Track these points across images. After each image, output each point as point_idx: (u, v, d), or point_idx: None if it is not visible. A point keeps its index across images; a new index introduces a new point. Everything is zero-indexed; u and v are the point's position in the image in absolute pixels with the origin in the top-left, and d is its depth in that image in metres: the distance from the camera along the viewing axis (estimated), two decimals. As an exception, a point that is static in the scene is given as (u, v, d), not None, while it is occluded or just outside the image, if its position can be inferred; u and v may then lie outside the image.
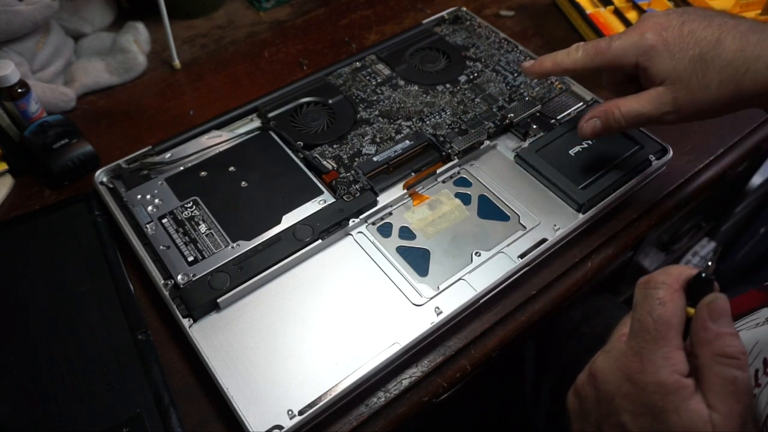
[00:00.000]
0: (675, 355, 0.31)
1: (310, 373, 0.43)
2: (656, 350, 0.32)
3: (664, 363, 0.31)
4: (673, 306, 0.33)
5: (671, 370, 0.31)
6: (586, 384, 0.36)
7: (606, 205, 0.53)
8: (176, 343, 0.47)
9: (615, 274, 0.77)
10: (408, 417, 0.45)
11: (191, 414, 0.43)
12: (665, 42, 0.44)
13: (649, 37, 0.45)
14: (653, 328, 0.32)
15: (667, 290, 0.33)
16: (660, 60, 0.45)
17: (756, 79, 0.42)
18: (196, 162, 0.56)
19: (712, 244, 0.99)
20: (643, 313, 0.33)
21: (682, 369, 0.31)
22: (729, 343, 0.31)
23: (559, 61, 0.50)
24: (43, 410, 0.41)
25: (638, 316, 0.33)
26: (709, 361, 0.31)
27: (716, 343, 0.31)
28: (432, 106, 0.61)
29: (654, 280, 0.34)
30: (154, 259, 0.49)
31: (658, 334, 0.32)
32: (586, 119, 0.50)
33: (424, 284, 0.48)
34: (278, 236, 0.50)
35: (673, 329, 0.32)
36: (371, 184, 0.54)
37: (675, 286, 0.33)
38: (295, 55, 0.72)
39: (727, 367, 0.30)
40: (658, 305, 0.33)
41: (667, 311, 0.32)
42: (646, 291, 0.34)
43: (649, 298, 0.33)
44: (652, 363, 0.31)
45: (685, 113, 0.45)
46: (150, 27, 0.70)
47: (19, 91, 0.57)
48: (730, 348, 0.31)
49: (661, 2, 0.74)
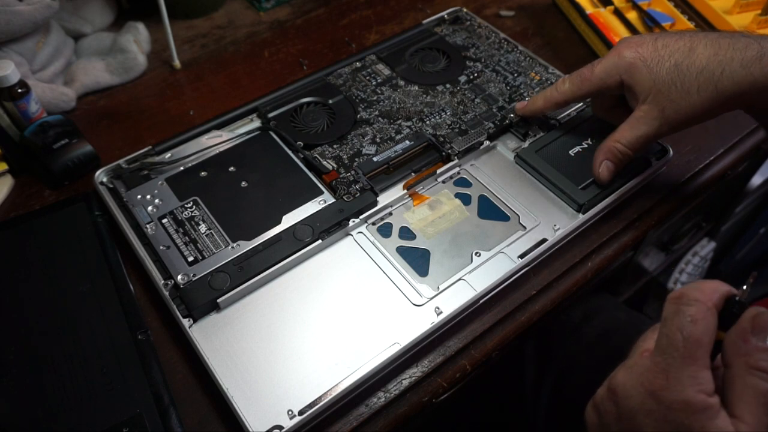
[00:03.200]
0: (702, 374, 0.31)
1: (310, 373, 0.43)
2: (684, 369, 0.31)
3: (691, 382, 0.31)
4: (705, 325, 0.32)
5: (698, 390, 0.31)
6: (605, 399, 0.35)
7: (606, 205, 0.53)
8: (176, 343, 0.47)
9: (615, 274, 0.77)
10: (408, 417, 0.45)
11: (191, 414, 0.43)
12: (642, 58, 0.47)
13: (627, 54, 0.48)
14: (682, 346, 0.31)
15: (699, 308, 0.32)
16: (640, 75, 0.47)
17: (733, 79, 0.44)
18: (196, 162, 0.56)
19: (712, 244, 0.99)
20: (673, 329, 0.32)
21: (708, 389, 0.31)
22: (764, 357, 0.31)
23: (549, 97, 0.54)
24: (43, 410, 0.41)
25: (667, 332, 0.32)
26: (744, 371, 0.31)
27: (754, 356, 0.31)
28: (432, 107, 0.61)
29: (686, 296, 0.33)
30: (154, 259, 0.49)
31: (687, 353, 0.31)
32: (597, 166, 0.52)
33: (424, 284, 0.48)
34: (278, 236, 0.50)
35: (702, 348, 0.31)
36: (371, 184, 0.54)
37: (708, 304, 0.32)
38: (295, 55, 0.72)
39: (761, 380, 0.30)
40: (689, 323, 0.32)
41: (697, 330, 0.32)
42: (678, 307, 0.33)
43: (680, 314, 0.32)
44: (679, 381, 0.31)
45: (675, 123, 0.47)
46: (150, 27, 0.70)
47: (19, 91, 0.57)
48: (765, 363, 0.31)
49: (661, 2, 0.75)
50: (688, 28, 0.71)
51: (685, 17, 0.73)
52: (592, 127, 0.59)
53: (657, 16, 0.73)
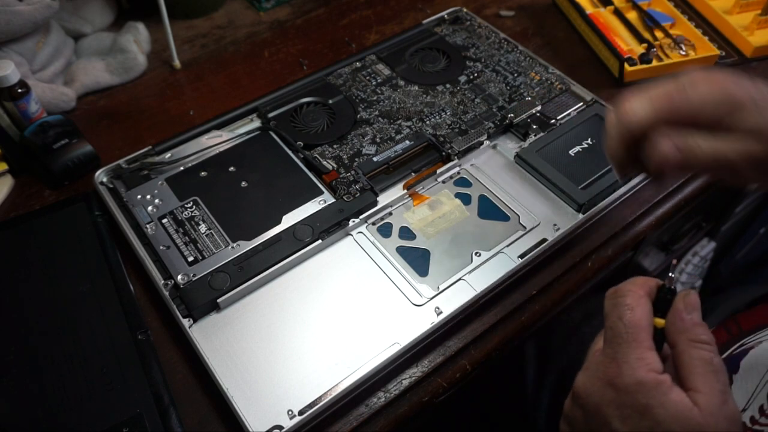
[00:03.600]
0: (648, 355, 0.33)
1: (310, 373, 0.43)
2: (630, 352, 0.33)
3: (639, 363, 0.33)
4: (641, 310, 0.34)
5: (647, 369, 0.33)
6: (572, 407, 0.37)
7: (606, 205, 0.53)
8: (176, 343, 0.47)
9: (615, 274, 0.77)
10: (408, 417, 0.45)
11: (191, 414, 0.43)
12: (751, 98, 0.37)
13: (733, 90, 0.37)
14: (625, 332, 0.34)
15: (633, 296, 0.35)
16: (748, 116, 0.36)
17: None
18: (196, 162, 0.56)
19: (712, 244, 0.99)
20: (614, 320, 0.35)
21: (657, 367, 0.33)
22: (702, 331, 0.34)
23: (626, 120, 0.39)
24: (43, 410, 0.41)
25: (610, 324, 0.35)
26: (687, 346, 0.33)
27: (692, 331, 0.33)
28: (432, 106, 0.61)
29: (621, 290, 0.36)
30: (154, 259, 0.49)
31: (630, 337, 0.34)
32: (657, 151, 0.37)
33: (424, 284, 0.48)
34: (278, 236, 0.50)
35: (643, 331, 0.34)
36: (371, 184, 0.54)
37: (640, 292, 0.35)
38: (295, 55, 0.72)
39: (703, 350, 0.33)
40: (627, 310, 0.34)
41: (635, 315, 0.34)
42: (615, 300, 0.36)
43: (618, 305, 0.35)
44: (629, 365, 0.33)
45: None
46: (150, 27, 0.70)
47: (19, 91, 0.56)
48: (704, 336, 0.33)
49: (662, 2, 0.75)
50: (688, 28, 0.71)
51: (685, 17, 0.73)
52: (592, 127, 0.59)
53: (657, 16, 0.73)
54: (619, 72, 0.66)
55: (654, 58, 0.67)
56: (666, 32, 0.71)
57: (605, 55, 0.69)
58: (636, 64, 0.66)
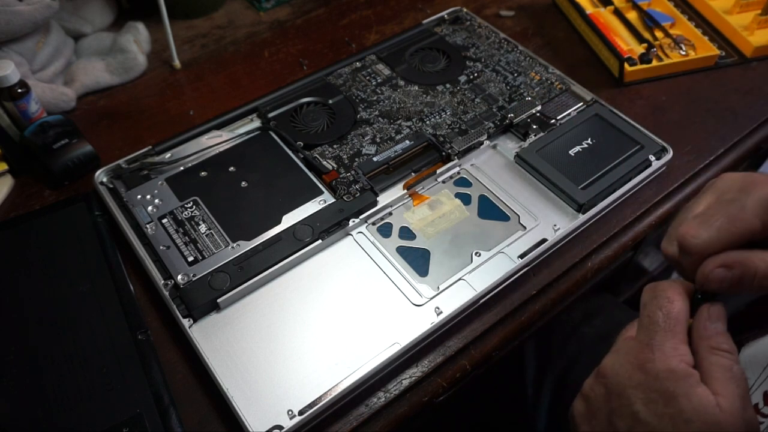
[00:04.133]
0: (683, 347, 0.34)
1: (310, 373, 0.43)
2: (666, 341, 0.34)
3: (674, 353, 0.33)
4: (680, 304, 0.35)
5: (680, 359, 0.33)
6: (594, 384, 0.37)
7: (606, 205, 0.53)
8: (176, 343, 0.47)
9: (615, 274, 0.77)
10: (408, 417, 0.45)
11: (191, 414, 0.43)
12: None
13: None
14: (663, 321, 0.35)
15: (674, 290, 0.36)
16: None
17: None
18: (196, 162, 0.56)
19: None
20: (653, 309, 0.35)
21: (689, 360, 0.34)
22: (724, 340, 0.34)
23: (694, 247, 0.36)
24: (43, 410, 0.41)
25: (648, 313, 0.36)
26: (708, 353, 0.34)
27: (714, 339, 0.34)
28: (432, 106, 0.61)
29: (662, 284, 0.36)
30: (154, 259, 0.49)
31: (668, 326, 0.34)
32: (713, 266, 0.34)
33: (424, 284, 0.48)
34: (278, 236, 0.50)
35: (680, 324, 0.35)
36: (371, 184, 0.54)
37: (680, 289, 0.36)
38: (295, 55, 0.72)
39: (724, 358, 0.33)
40: (667, 302, 0.35)
41: (675, 307, 0.35)
42: (655, 292, 0.36)
43: (658, 297, 0.36)
44: (663, 352, 0.34)
45: None
46: (150, 27, 0.70)
47: (19, 91, 0.57)
48: (725, 345, 0.34)
49: (662, 2, 0.74)
50: (688, 28, 0.71)
51: (685, 17, 0.73)
52: (592, 127, 0.59)
53: (657, 16, 0.73)
54: (619, 72, 0.66)
55: (654, 58, 0.67)
56: (666, 32, 0.71)
57: (605, 55, 0.69)
58: (636, 64, 0.66)
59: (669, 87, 0.67)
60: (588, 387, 0.38)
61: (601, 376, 0.36)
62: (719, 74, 0.68)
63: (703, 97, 0.66)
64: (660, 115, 0.64)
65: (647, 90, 0.67)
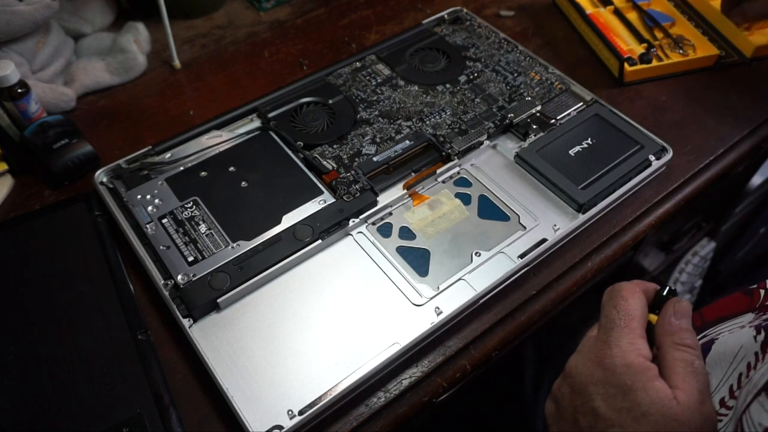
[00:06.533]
0: (639, 342, 0.36)
1: (310, 373, 0.43)
2: (622, 337, 0.36)
3: (630, 348, 0.35)
4: (635, 302, 0.37)
5: (637, 354, 0.35)
6: (561, 384, 0.38)
7: (606, 205, 0.53)
8: (176, 343, 0.47)
9: (615, 274, 0.77)
10: (408, 417, 0.45)
11: (191, 414, 0.43)
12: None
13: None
14: (618, 318, 0.37)
15: (629, 290, 0.38)
16: None
17: None
18: (196, 162, 0.56)
19: (712, 244, 0.99)
20: (609, 309, 0.38)
21: (646, 354, 0.35)
22: (687, 336, 0.36)
23: None
24: (43, 410, 0.41)
25: (605, 312, 0.38)
26: (671, 348, 0.35)
27: (677, 335, 0.36)
28: (432, 106, 0.61)
29: (617, 285, 0.39)
30: (154, 259, 0.49)
31: (623, 323, 0.36)
32: None
33: (424, 284, 0.48)
34: (278, 236, 0.50)
35: (636, 320, 0.37)
36: (371, 184, 0.54)
37: (636, 288, 0.38)
38: (295, 55, 0.72)
39: (686, 353, 0.35)
40: (621, 301, 0.37)
41: (629, 305, 0.37)
42: (612, 292, 0.39)
43: (614, 296, 0.38)
44: (620, 348, 0.35)
45: None
46: (150, 27, 0.70)
47: (19, 91, 0.57)
48: (688, 340, 0.36)
49: (662, 2, 0.74)
50: (688, 28, 0.71)
51: (685, 17, 0.73)
52: (592, 127, 0.59)
53: (657, 16, 0.73)
54: (619, 72, 0.66)
55: (654, 58, 0.67)
56: (666, 32, 0.71)
57: (605, 55, 0.69)
58: (636, 64, 0.66)
59: (669, 87, 0.67)
60: (556, 387, 0.39)
61: (566, 375, 0.38)
62: (719, 74, 0.68)
63: (703, 97, 0.66)
64: (660, 115, 0.64)
65: (647, 90, 0.67)
